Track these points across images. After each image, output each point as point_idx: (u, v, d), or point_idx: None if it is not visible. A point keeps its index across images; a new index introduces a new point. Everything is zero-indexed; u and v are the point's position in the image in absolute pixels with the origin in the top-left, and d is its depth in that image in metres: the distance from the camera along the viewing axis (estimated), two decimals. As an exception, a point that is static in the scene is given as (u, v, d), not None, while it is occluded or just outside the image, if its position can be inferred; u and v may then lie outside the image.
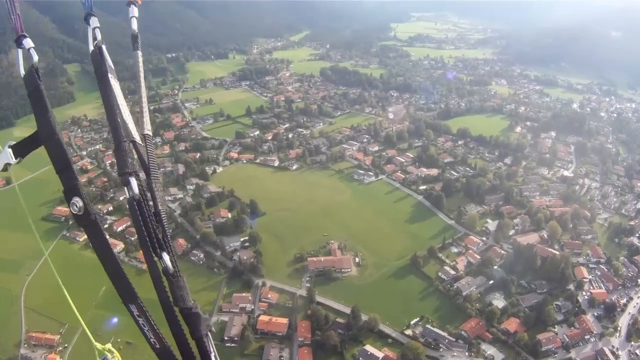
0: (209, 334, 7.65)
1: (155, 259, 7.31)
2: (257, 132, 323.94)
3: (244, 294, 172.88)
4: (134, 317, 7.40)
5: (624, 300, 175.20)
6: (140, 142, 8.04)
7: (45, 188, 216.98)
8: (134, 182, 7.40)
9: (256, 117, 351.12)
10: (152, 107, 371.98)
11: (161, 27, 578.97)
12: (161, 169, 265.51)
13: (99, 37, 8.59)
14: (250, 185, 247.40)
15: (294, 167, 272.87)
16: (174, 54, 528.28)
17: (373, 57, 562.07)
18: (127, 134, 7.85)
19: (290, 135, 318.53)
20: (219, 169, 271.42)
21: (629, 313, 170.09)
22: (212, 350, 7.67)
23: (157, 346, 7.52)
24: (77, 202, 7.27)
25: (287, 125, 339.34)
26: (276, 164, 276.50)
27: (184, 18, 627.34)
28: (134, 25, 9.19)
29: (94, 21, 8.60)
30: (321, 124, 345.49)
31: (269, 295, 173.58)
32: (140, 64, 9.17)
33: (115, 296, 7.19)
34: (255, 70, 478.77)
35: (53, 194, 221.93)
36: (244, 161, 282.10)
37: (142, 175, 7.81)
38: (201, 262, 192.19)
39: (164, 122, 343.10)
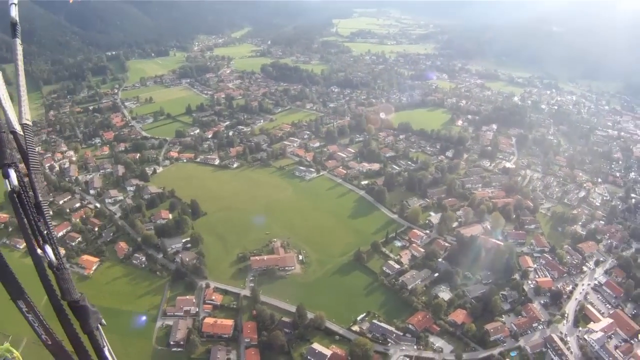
0: (100, 327, 7.59)
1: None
2: (198, 131, 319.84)
3: (187, 297, 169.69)
4: (23, 313, 7.31)
5: (569, 288, 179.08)
6: (21, 132, 7.94)
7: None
8: (13, 173, 7.28)
9: (196, 116, 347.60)
10: (91, 107, 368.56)
11: (101, 24, 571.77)
12: (101, 171, 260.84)
13: None
14: (191, 184, 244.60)
15: (235, 166, 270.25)
16: (114, 52, 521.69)
17: (314, 53, 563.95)
18: (7, 124, 7.77)
19: (230, 133, 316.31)
20: (159, 169, 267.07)
21: (575, 299, 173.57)
22: (104, 344, 7.65)
23: (49, 343, 7.41)
24: None
25: (227, 122, 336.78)
26: (217, 162, 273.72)
27: (125, 15, 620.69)
28: (13, 12, 9.00)
29: None
30: (262, 121, 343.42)
31: (213, 297, 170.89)
32: (20, 52, 8.88)
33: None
34: (195, 67, 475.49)
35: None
36: (185, 160, 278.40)
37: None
38: (143, 266, 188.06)
39: (103, 122, 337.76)
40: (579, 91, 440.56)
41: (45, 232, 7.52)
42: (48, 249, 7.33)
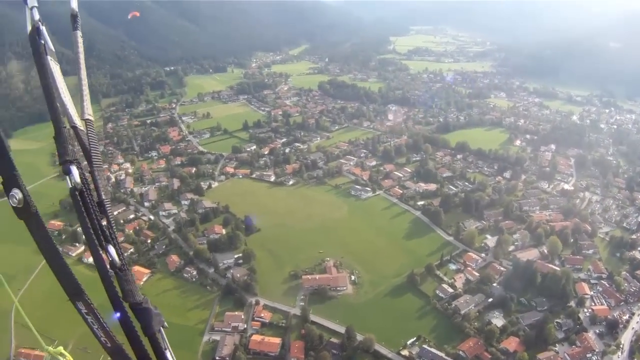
0: (162, 330, 7.35)
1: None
2: (254, 147, 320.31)
3: (236, 313, 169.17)
4: (81, 314, 7.05)
5: (626, 317, 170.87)
6: (82, 128, 7.63)
7: (40, 201, 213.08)
8: (75, 170, 7.00)
9: (253, 132, 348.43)
10: (149, 121, 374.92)
11: (160, 40, 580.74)
12: (156, 184, 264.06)
13: (36, 16, 7.77)
14: (246, 200, 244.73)
15: (291, 183, 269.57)
16: (172, 67, 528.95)
17: (372, 71, 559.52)
18: (68, 119, 7.47)
19: (287, 150, 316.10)
20: (215, 184, 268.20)
21: (632, 329, 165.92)
22: (166, 346, 7.38)
23: (109, 345, 7.16)
24: (17, 194, 6.67)
25: (284, 139, 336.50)
26: (272, 179, 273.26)
27: (183, 31, 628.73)
28: (74, 3, 8.62)
29: (32, 0, 7.79)
30: (318, 138, 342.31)
31: (262, 314, 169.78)
32: (80, 45, 8.46)
33: (108, 310, 6.97)
34: (253, 84, 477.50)
35: (47, 207, 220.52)
36: (240, 176, 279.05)
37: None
38: (194, 279, 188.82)
39: (160, 135, 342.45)
40: (638, 109, 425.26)
41: (108, 231, 7.06)
42: (111, 249, 6.94)
